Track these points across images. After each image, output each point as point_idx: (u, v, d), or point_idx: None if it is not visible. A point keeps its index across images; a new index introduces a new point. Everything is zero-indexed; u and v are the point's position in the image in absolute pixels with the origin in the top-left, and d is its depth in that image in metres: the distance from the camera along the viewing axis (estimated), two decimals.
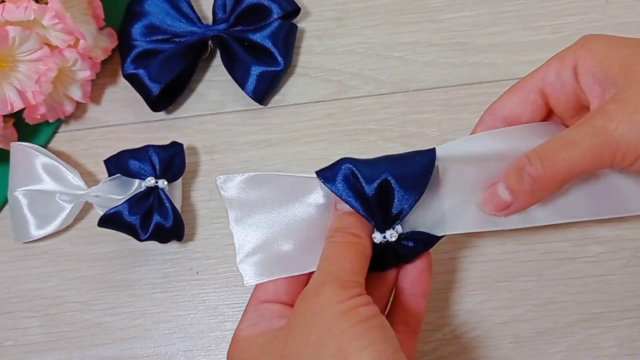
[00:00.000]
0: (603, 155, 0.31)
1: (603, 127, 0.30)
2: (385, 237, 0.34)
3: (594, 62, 0.33)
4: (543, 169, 0.32)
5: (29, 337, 0.45)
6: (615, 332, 0.42)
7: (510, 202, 0.33)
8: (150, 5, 0.48)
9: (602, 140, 0.30)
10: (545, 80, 0.36)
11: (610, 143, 0.30)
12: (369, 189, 0.34)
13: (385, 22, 0.50)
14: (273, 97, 0.49)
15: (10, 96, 0.43)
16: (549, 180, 0.32)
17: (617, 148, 0.30)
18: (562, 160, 0.31)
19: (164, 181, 0.43)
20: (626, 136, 0.30)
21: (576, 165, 0.31)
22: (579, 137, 0.31)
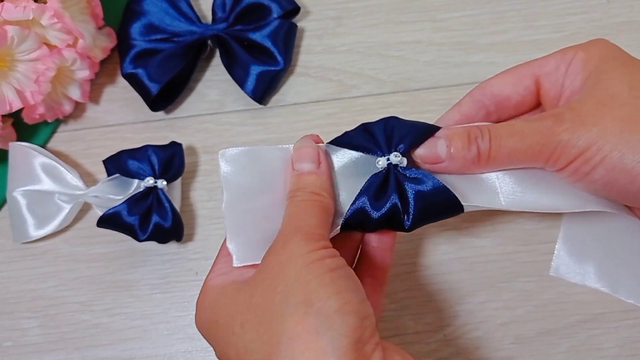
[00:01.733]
0: (542, 153, 0.33)
1: (551, 128, 0.33)
2: (389, 159, 0.34)
3: (582, 67, 0.35)
4: (489, 148, 0.33)
5: (27, 338, 0.44)
6: (617, 332, 0.42)
7: (442, 160, 0.34)
8: (149, 5, 0.48)
9: (546, 140, 0.33)
10: (543, 69, 0.37)
11: (551, 143, 0.32)
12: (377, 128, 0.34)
13: (386, 21, 0.50)
14: (273, 97, 0.49)
15: (8, 96, 0.43)
16: (489, 159, 0.34)
17: (554, 150, 0.32)
18: (506, 147, 0.33)
19: (163, 181, 0.43)
20: (564, 142, 0.32)
21: (516, 156, 0.33)
22: (529, 131, 0.33)
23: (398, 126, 0.34)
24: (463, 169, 0.34)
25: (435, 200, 0.33)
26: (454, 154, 0.34)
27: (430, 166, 0.34)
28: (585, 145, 0.32)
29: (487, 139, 0.33)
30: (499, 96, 0.38)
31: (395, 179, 0.34)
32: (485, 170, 0.34)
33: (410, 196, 0.33)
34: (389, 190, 0.33)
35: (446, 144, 0.34)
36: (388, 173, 0.34)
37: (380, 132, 0.34)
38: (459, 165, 0.34)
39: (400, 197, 0.33)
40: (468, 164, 0.34)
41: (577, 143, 0.32)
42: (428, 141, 0.34)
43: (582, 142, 0.32)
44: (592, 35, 0.48)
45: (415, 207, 0.33)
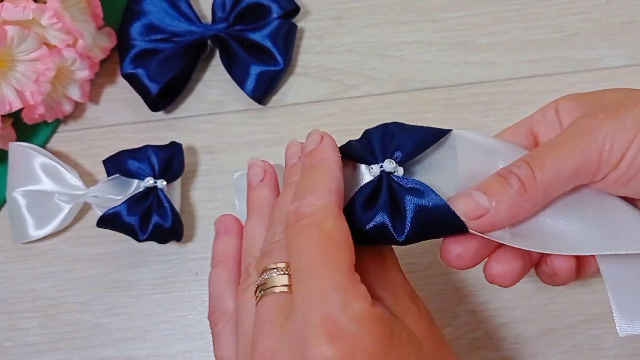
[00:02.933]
0: (590, 153, 0.29)
1: (587, 124, 0.30)
2: (382, 166, 0.30)
3: (572, 103, 0.33)
4: (531, 171, 0.30)
5: (27, 338, 0.44)
6: (617, 332, 0.42)
7: (487, 208, 0.29)
8: (149, 5, 0.48)
9: (589, 137, 0.29)
10: (532, 120, 0.35)
11: (597, 138, 0.29)
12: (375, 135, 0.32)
13: (386, 21, 0.50)
14: (273, 97, 0.49)
15: (8, 96, 0.43)
16: (535, 184, 0.29)
17: (604, 143, 0.29)
18: (550, 160, 0.29)
19: (162, 181, 0.43)
20: (611, 132, 0.29)
21: (564, 165, 0.29)
22: (565, 137, 0.30)
23: (398, 132, 0.31)
24: (515, 211, 0.30)
25: (436, 216, 0.29)
26: (496, 197, 0.29)
27: (474, 222, 0.30)
28: (636, 127, 0.28)
29: (524, 164, 0.30)
30: None
31: (388, 188, 0.30)
32: (538, 202, 0.30)
33: (409, 208, 0.29)
34: (380, 201, 0.30)
35: (482, 191, 0.30)
36: (380, 182, 0.30)
37: (377, 138, 0.31)
38: (507, 206, 0.29)
39: (394, 208, 0.30)
40: (516, 201, 0.29)
41: (625, 128, 0.28)
42: (461, 196, 0.30)
43: (630, 124, 0.28)
44: (592, 35, 0.48)
45: (412, 220, 0.29)
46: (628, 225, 0.31)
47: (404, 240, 0.30)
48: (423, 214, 0.29)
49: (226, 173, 0.47)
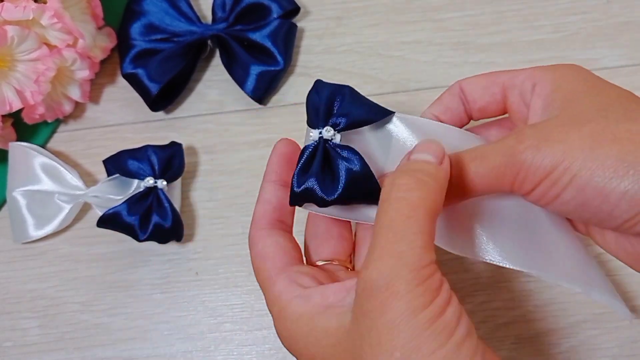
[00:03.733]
0: (505, 176, 0.30)
1: (513, 147, 0.30)
2: (321, 132, 0.32)
3: (550, 88, 0.33)
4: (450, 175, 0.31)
5: (27, 338, 0.44)
6: (617, 332, 0.42)
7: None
8: (149, 5, 0.48)
9: (508, 160, 0.30)
10: (512, 81, 0.35)
11: (514, 164, 0.30)
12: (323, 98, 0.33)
13: (386, 21, 0.50)
14: (273, 97, 0.49)
15: (8, 96, 0.43)
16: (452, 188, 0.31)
17: (519, 171, 0.30)
18: (469, 173, 0.31)
19: (163, 181, 0.43)
20: (528, 161, 0.29)
21: (480, 180, 0.31)
22: (491, 153, 0.31)
23: (348, 99, 0.33)
24: None
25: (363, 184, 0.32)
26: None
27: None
28: (552, 165, 0.29)
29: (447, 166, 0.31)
30: (468, 96, 0.37)
31: (322, 154, 0.32)
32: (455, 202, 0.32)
33: (341, 174, 0.32)
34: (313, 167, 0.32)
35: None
36: (317, 147, 0.33)
37: (324, 99, 0.33)
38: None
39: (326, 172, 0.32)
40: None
41: (542, 163, 0.29)
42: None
43: (547, 162, 0.29)
44: (592, 36, 0.48)
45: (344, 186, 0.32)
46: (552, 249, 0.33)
47: (334, 200, 0.32)
48: (353, 180, 0.32)
49: (226, 173, 0.47)
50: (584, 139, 0.29)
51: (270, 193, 0.34)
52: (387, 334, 0.25)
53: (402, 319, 0.25)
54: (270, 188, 0.35)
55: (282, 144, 0.35)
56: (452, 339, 0.25)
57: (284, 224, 0.35)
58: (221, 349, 0.44)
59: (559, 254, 0.34)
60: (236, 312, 0.44)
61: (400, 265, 0.26)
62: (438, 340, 0.25)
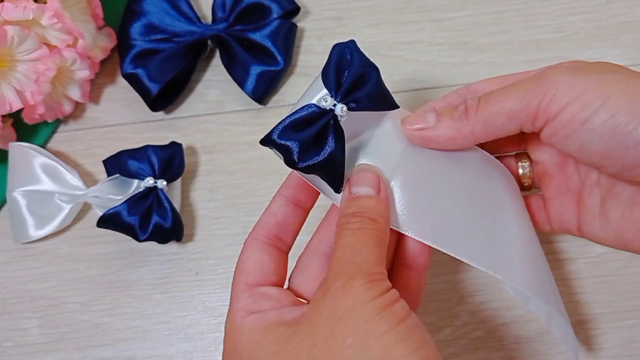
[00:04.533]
0: (533, 97, 0.31)
1: (544, 72, 0.31)
2: (335, 105, 0.32)
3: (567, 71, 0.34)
4: (478, 101, 0.33)
5: (27, 338, 0.44)
6: (617, 333, 0.42)
7: (431, 125, 0.34)
8: (149, 5, 0.48)
9: (538, 82, 0.31)
10: (524, 75, 0.36)
11: (542, 85, 0.31)
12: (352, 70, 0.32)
13: (386, 21, 0.50)
14: (273, 97, 0.49)
15: (9, 96, 0.43)
16: (477, 113, 0.32)
17: (547, 92, 0.31)
18: (497, 95, 0.32)
19: (163, 181, 0.43)
20: (559, 81, 0.30)
21: (507, 101, 0.32)
22: (522, 80, 0.32)
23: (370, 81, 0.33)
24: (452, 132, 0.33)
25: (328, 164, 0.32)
26: (442, 118, 0.33)
27: (419, 133, 0.34)
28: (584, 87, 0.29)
29: (477, 97, 0.33)
30: (482, 93, 0.37)
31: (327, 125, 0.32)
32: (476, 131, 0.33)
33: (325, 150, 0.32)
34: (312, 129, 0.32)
35: (435, 114, 0.34)
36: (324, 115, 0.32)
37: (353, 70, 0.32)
38: (446, 125, 0.33)
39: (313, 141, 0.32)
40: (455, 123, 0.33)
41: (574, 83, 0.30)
42: (415, 115, 0.35)
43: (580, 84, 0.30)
44: (592, 36, 0.48)
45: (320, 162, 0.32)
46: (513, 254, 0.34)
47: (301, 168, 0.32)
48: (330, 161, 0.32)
49: (226, 173, 0.47)
50: (618, 74, 0.30)
51: (278, 207, 0.35)
52: (340, 323, 0.27)
53: (355, 307, 0.27)
54: (281, 202, 0.35)
55: None
56: (403, 324, 0.27)
57: (280, 242, 0.35)
58: (221, 349, 0.43)
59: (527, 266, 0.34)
60: None
61: (355, 271, 0.29)
62: (389, 323, 0.27)
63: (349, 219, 0.31)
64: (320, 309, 0.28)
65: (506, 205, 0.36)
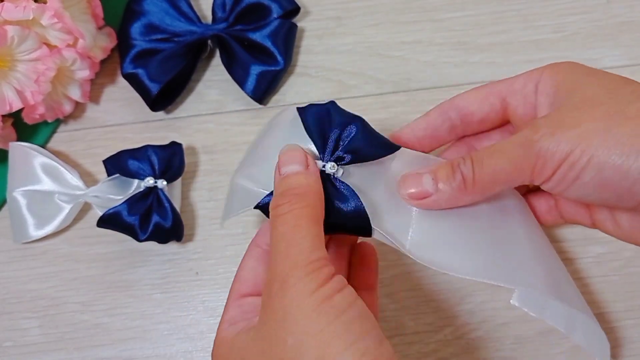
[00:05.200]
0: (524, 166, 0.32)
1: (528, 138, 0.32)
2: (324, 166, 0.32)
3: (552, 83, 0.34)
4: (473, 172, 0.33)
5: (27, 338, 0.44)
6: (617, 332, 0.42)
7: (430, 193, 0.33)
8: (149, 5, 0.48)
9: (525, 151, 0.32)
10: (510, 88, 0.36)
11: (531, 154, 0.31)
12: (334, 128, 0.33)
13: (386, 21, 0.50)
14: (273, 97, 0.49)
15: (9, 96, 0.43)
16: (475, 184, 0.33)
17: (537, 159, 0.31)
18: (489, 167, 0.32)
19: (163, 181, 0.43)
20: (545, 148, 0.31)
21: (500, 174, 0.32)
22: (507, 147, 0.32)
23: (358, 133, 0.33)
24: (453, 201, 0.34)
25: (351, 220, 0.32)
26: (440, 187, 0.33)
27: (419, 202, 0.34)
28: (568, 148, 0.31)
29: (469, 164, 0.33)
30: (463, 110, 0.38)
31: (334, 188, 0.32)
32: (476, 198, 0.34)
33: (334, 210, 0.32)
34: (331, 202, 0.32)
35: (431, 177, 0.33)
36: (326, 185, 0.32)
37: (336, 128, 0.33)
38: (447, 196, 0.33)
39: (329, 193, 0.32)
40: (456, 194, 0.33)
41: (558, 147, 0.31)
42: (412, 177, 0.34)
43: (563, 146, 0.31)
44: (592, 36, 0.49)
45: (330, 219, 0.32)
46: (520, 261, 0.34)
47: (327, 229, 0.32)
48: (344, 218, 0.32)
49: (226, 173, 0.47)
50: (597, 121, 0.30)
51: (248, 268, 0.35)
52: (283, 323, 0.27)
53: (294, 304, 0.27)
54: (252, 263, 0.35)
55: None
56: (341, 317, 0.27)
57: None
58: None
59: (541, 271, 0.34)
60: None
61: (292, 265, 0.28)
62: (325, 319, 0.26)
63: (278, 201, 0.31)
64: (265, 310, 0.28)
65: (514, 218, 0.36)
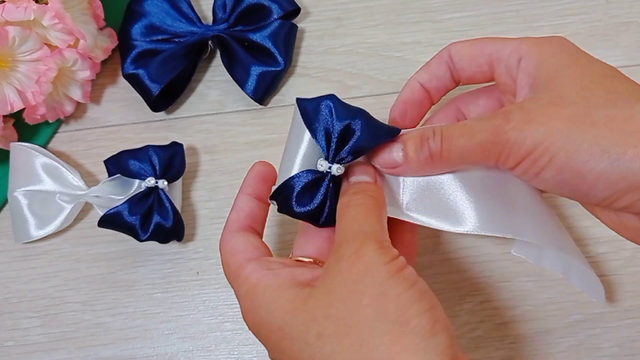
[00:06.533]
0: (491, 152, 0.32)
1: (499, 127, 0.32)
2: (330, 167, 0.33)
3: (535, 63, 0.34)
4: (440, 148, 0.33)
5: (29, 338, 0.45)
6: (616, 332, 0.42)
7: (399, 164, 0.34)
8: (150, 5, 0.48)
9: (494, 139, 0.32)
10: (498, 54, 0.36)
11: (499, 143, 0.32)
12: (337, 125, 0.34)
13: (386, 22, 0.50)
14: (273, 97, 0.49)
15: (10, 96, 0.43)
16: (442, 159, 0.33)
17: (503, 149, 0.32)
18: (457, 146, 0.33)
19: (164, 181, 0.43)
20: (512, 141, 0.31)
21: (467, 155, 0.33)
22: (478, 129, 0.33)
23: (362, 130, 0.34)
24: (419, 171, 0.34)
25: None
26: (408, 158, 0.34)
27: (388, 170, 0.35)
28: (532, 145, 0.31)
29: (439, 139, 0.33)
30: (456, 64, 0.38)
31: (326, 186, 0.34)
32: (443, 171, 0.34)
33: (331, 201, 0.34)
34: (317, 196, 0.34)
35: (402, 148, 0.34)
36: (323, 179, 0.34)
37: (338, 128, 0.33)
38: (414, 167, 0.34)
39: (323, 202, 0.34)
40: (422, 166, 0.34)
41: (524, 142, 0.31)
42: (384, 147, 0.35)
43: (529, 142, 0.31)
44: (591, 36, 0.49)
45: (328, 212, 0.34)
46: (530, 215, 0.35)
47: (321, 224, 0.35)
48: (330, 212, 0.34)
49: (227, 173, 0.47)
50: (564, 122, 0.31)
51: (244, 203, 0.36)
52: (356, 286, 0.28)
53: (370, 270, 0.29)
54: (245, 199, 0.36)
55: (259, 164, 0.37)
56: (415, 287, 0.28)
57: (254, 230, 0.36)
58: (222, 348, 0.44)
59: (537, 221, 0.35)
60: (237, 311, 0.44)
61: (366, 238, 0.30)
62: (402, 286, 0.28)
63: (351, 197, 0.33)
64: (335, 273, 0.29)
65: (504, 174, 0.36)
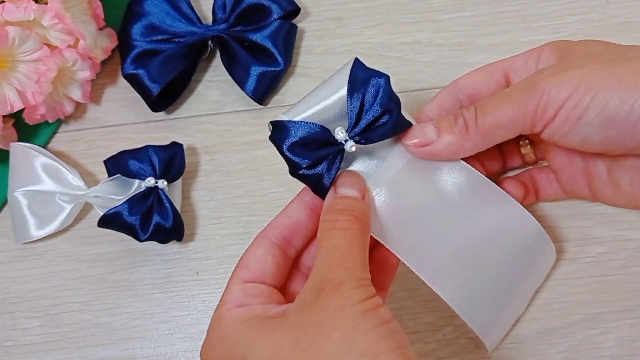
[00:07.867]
0: (527, 108, 0.32)
1: (532, 80, 0.33)
2: (347, 141, 0.34)
3: (554, 55, 0.36)
4: (475, 114, 0.34)
5: (28, 338, 0.45)
6: (616, 332, 0.42)
7: (432, 140, 0.34)
8: (150, 6, 0.48)
9: (529, 91, 0.32)
10: (512, 65, 0.38)
11: (535, 94, 0.32)
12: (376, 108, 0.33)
13: (386, 22, 0.50)
14: (273, 97, 0.49)
15: (10, 96, 0.43)
16: (477, 129, 0.33)
17: (540, 100, 0.32)
18: (492, 110, 0.33)
19: (163, 181, 0.43)
20: (548, 89, 0.32)
21: (502, 116, 0.33)
22: (511, 90, 0.33)
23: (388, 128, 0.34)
24: (454, 147, 0.34)
25: None
26: (441, 132, 0.34)
27: (422, 149, 0.34)
28: (572, 87, 0.31)
29: (472, 109, 0.34)
30: (470, 90, 0.38)
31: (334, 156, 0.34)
32: (478, 144, 0.34)
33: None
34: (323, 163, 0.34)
35: (434, 125, 0.34)
36: (337, 154, 0.34)
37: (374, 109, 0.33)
38: (449, 141, 0.34)
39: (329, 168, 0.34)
40: (458, 139, 0.34)
41: (561, 87, 0.31)
42: (416, 128, 0.35)
43: (567, 85, 0.31)
44: (591, 36, 0.48)
45: None
46: None
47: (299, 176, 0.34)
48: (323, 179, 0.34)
49: (227, 173, 0.47)
50: (600, 64, 0.31)
51: (295, 209, 0.36)
52: (329, 321, 0.29)
53: (344, 308, 0.29)
54: (299, 205, 0.36)
55: None
56: (387, 325, 0.29)
57: (289, 245, 0.36)
58: None
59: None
60: None
61: (346, 275, 0.30)
62: (373, 323, 0.28)
63: (337, 215, 0.32)
64: (310, 308, 0.30)
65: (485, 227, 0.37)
